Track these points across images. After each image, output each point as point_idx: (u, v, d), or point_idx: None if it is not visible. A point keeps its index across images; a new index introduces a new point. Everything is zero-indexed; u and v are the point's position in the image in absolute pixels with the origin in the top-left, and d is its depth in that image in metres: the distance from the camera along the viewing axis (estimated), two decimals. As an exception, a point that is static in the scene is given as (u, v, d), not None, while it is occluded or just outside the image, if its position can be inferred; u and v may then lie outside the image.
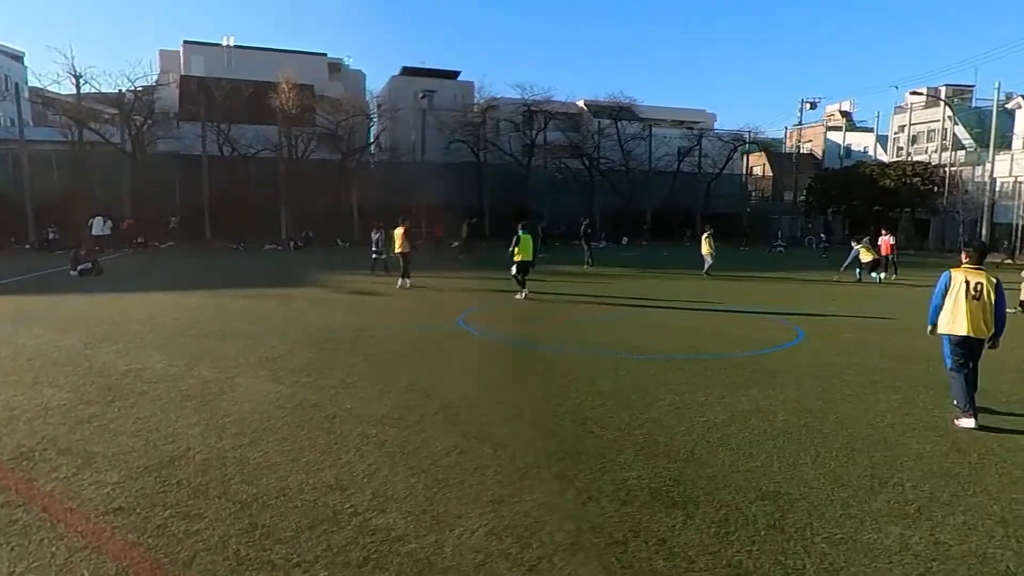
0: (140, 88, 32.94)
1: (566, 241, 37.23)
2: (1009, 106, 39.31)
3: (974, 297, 5.81)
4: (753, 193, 54.02)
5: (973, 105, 44.06)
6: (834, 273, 19.95)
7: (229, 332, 9.78)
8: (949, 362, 6.01)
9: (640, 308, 13.27)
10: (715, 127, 51.75)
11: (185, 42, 40.74)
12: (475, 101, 43.43)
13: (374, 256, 19.15)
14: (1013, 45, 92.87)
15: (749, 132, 48.15)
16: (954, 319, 5.88)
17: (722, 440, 5.39)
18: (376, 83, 53.20)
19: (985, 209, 31.72)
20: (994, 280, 5.91)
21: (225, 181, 35.16)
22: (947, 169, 35.05)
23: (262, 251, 30.07)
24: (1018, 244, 31.57)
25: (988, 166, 32.76)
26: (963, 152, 38.84)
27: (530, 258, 14.10)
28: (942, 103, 38.46)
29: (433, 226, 32.84)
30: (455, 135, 39.37)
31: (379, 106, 40.74)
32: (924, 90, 43.25)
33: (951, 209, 33.31)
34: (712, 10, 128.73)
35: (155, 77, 36.15)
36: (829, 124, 56.27)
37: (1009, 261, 26.78)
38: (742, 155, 51.09)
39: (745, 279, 20.13)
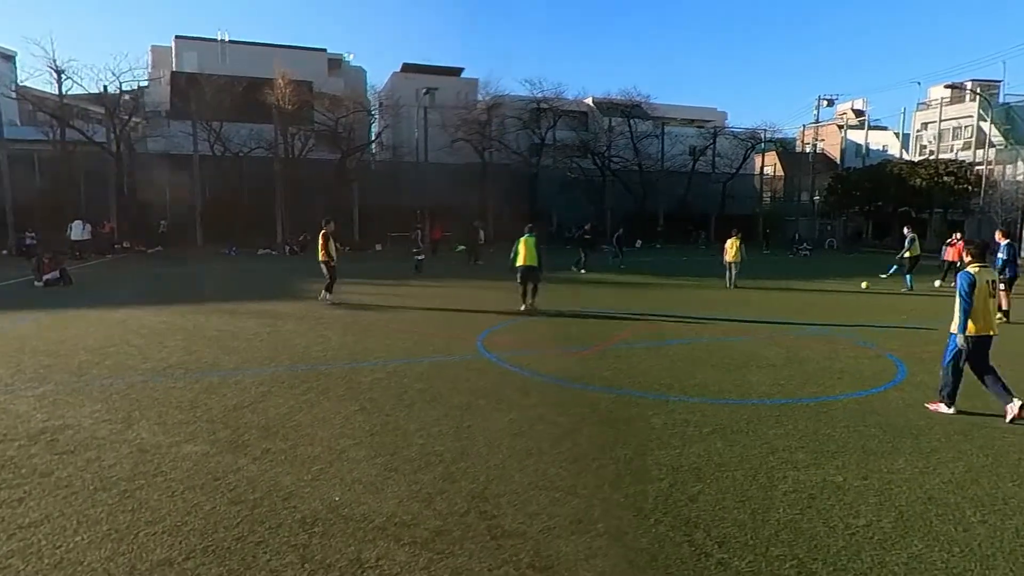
0: (126, 84, 31.07)
1: (575, 245, 35.38)
2: (1043, 101, 37.43)
3: (991, 295, 6.04)
4: (767, 194, 52.05)
5: (1001, 101, 42.16)
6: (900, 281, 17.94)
7: (195, 365, 7.87)
8: (948, 360, 6.10)
9: (684, 326, 11.35)
10: (726, 125, 49.77)
11: (177, 37, 38.88)
12: (480, 98, 41.55)
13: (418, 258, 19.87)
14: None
15: (765, 130, 46.20)
16: (984, 319, 5.95)
17: (918, 570, 3.46)
18: (377, 81, 51.28)
19: (1025, 209, 29.74)
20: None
21: (218, 182, 33.39)
22: (984, 168, 33.04)
23: (256, 256, 28.19)
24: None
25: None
26: (993, 150, 36.92)
27: (534, 263, 12.26)
28: (976, 97, 36.45)
29: (432, 228, 31.03)
30: (459, 133, 37.49)
31: (380, 104, 38.88)
32: (948, 84, 41.30)
33: (988, 210, 31.32)
34: (719, 7, 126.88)
35: (145, 73, 34.36)
36: (841, 123, 54.40)
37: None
38: (755, 154, 49.14)
39: (783, 288, 18.20)
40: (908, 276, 17.24)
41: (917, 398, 6.77)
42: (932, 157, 37.32)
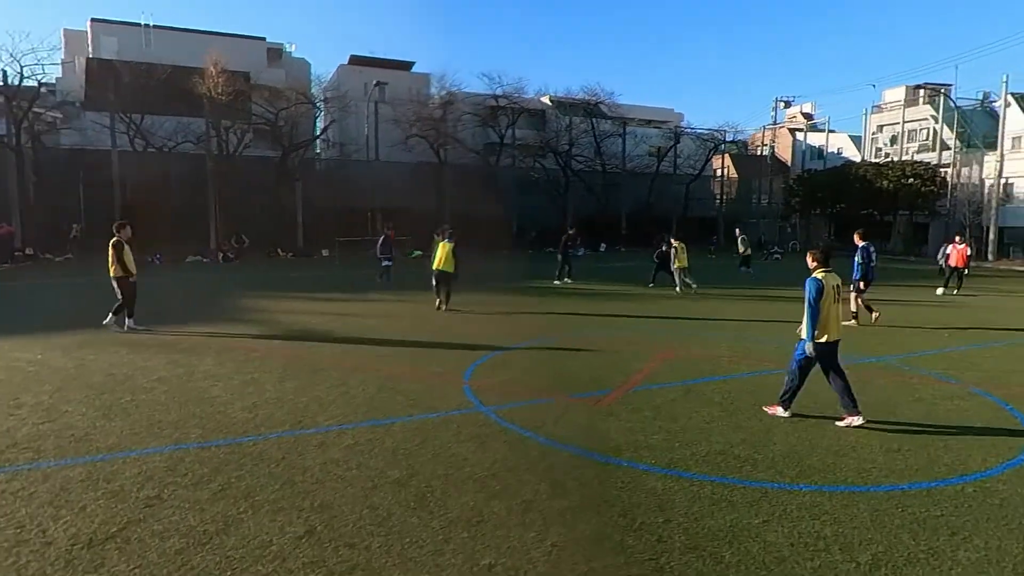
0: (29, 68, 27.21)
1: (537, 249, 33.43)
2: (996, 105, 37.78)
3: (836, 300, 6.06)
4: (725, 196, 51.52)
5: (953, 104, 42.63)
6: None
7: (54, 442, 5.31)
8: (795, 365, 6.10)
9: (706, 352, 9.37)
10: (683, 126, 48.90)
11: (93, 20, 34.93)
12: (433, 94, 39.12)
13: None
14: (990, 46, 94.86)
15: (726, 131, 45.46)
16: (830, 325, 5.93)
17: None
18: (322, 73, 48.00)
19: (992, 211, 29.47)
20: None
21: (141, 181, 29.76)
22: (950, 170, 32.82)
23: (183, 264, 24.99)
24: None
25: (993, 165, 30.63)
26: (949, 152, 37.01)
27: (449, 269, 12.84)
28: (931, 99, 36.43)
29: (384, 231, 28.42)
30: (413, 130, 34.97)
31: (325, 97, 35.95)
32: (918, 84, 41.42)
33: (954, 212, 31.02)
34: (668, 9, 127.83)
35: (57, 57, 30.48)
36: (793, 126, 54.63)
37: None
38: (713, 156, 48.45)
39: (780, 298, 16.60)
40: (742, 268, 20.53)
41: (1091, 471, 4.92)
42: (896, 159, 37.13)
